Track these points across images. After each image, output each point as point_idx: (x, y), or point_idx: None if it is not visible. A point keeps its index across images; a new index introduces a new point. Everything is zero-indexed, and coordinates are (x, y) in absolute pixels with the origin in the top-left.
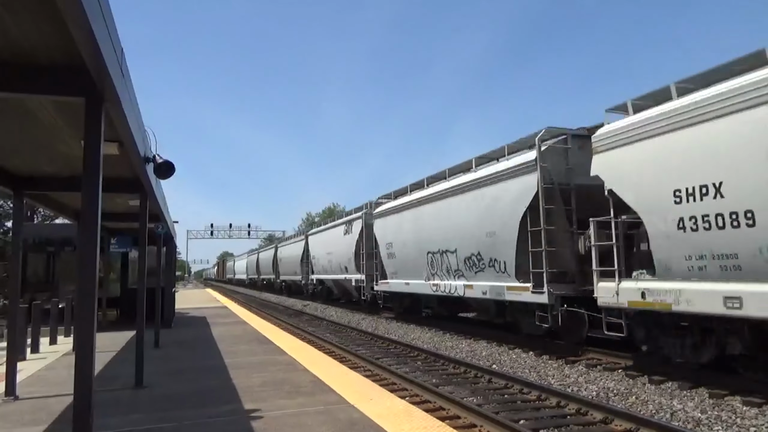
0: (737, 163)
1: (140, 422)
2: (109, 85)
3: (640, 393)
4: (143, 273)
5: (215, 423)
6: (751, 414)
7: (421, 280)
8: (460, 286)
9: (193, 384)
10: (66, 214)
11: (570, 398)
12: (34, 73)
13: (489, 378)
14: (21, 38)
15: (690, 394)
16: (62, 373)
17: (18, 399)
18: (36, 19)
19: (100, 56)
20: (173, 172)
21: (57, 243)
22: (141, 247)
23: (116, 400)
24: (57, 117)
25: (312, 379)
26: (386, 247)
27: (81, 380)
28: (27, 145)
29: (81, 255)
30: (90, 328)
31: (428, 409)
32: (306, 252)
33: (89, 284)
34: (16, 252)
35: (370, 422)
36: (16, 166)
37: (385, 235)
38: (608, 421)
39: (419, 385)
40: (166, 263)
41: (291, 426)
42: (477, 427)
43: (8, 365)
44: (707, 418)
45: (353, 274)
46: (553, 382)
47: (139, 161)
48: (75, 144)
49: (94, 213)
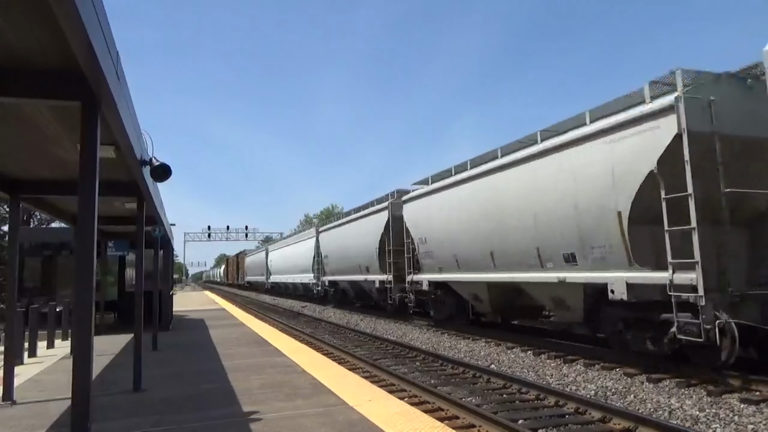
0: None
1: (139, 426)
2: (105, 89)
3: (638, 392)
4: (141, 276)
5: (214, 426)
6: (748, 412)
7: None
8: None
9: (192, 387)
10: (63, 217)
11: (568, 397)
12: (30, 78)
13: (488, 378)
14: (17, 42)
15: (688, 392)
16: (60, 377)
17: (15, 404)
18: (32, 24)
19: (96, 60)
20: (170, 175)
21: (54, 247)
22: (138, 251)
23: (115, 404)
24: (53, 121)
25: (311, 381)
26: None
27: (79, 384)
28: (23, 148)
29: (78, 258)
30: (88, 331)
31: (427, 409)
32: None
33: (86, 288)
34: (12, 256)
35: (369, 423)
36: (12, 169)
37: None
38: (607, 419)
39: (418, 386)
40: (163, 266)
41: (290, 428)
42: (476, 427)
43: (5, 369)
44: (705, 416)
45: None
46: (551, 381)
47: (136, 164)
48: (71, 147)
49: (91, 216)
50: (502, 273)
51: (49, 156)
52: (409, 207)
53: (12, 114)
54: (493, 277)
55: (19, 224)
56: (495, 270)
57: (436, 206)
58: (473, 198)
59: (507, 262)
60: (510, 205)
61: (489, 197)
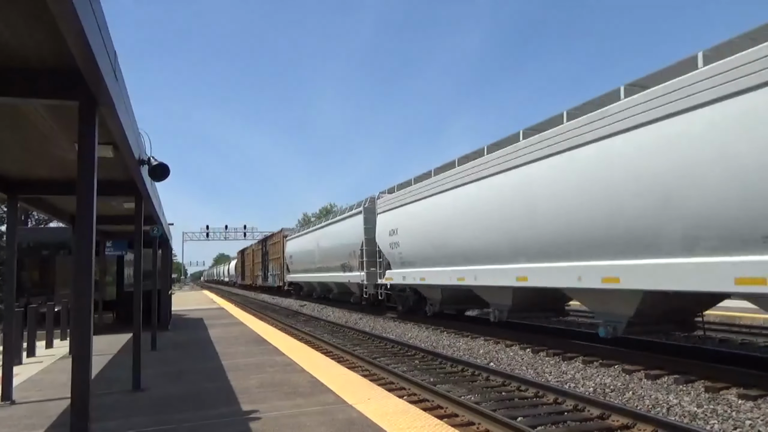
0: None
1: (139, 425)
2: (102, 89)
3: (636, 388)
4: (139, 275)
5: (214, 425)
6: (746, 407)
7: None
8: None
9: (191, 386)
10: (61, 217)
11: (567, 394)
12: (28, 77)
13: (487, 376)
14: (13, 42)
15: (686, 389)
16: (59, 376)
17: (15, 403)
18: (28, 23)
19: (93, 60)
20: (168, 175)
21: (52, 246)
22: (136, 250)
23: (114, 403)
24: (51, 120)
25: (310, 380)
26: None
27: (78, 384)
28: (21, 148)
29: (77, 258)
30: (87, 331)
31: (426, 407)
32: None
33: (85, 287)
34: (10, 256)
35: (368, 422)
36: (9, 169)
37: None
38: (605, 416)
39: (417, 384)
40: (161, 265)
41: (289, 427)
42: (475, 424)
43: (4, 369)
44: (703, 412)
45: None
46: (550, 378)
47: (134, 164)
48: (69, 147)
49: (89, 216)
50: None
51: (47, 156)
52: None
53: (10, 114)
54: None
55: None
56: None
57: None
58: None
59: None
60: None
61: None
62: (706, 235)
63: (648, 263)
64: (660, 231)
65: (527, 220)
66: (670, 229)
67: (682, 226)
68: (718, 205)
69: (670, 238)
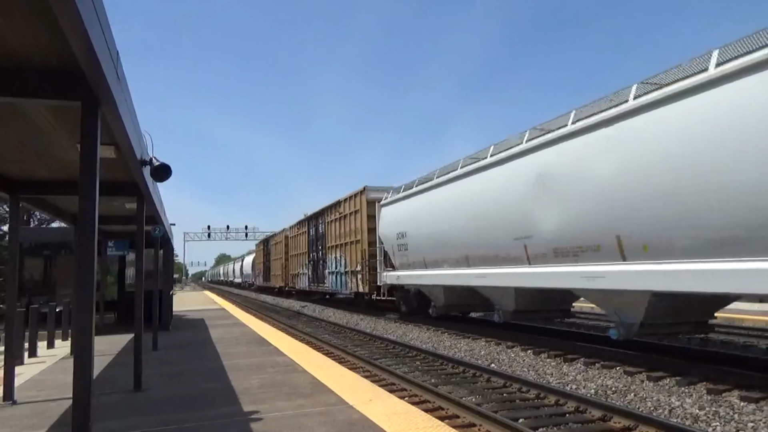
0: None
1: (140, 425)
2: (105, 89)
3: (638, 390)
4: (141, 276)
5: (215, 425)
6: (749, 410)
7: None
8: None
9: (192, 386)
10: (63, 217)
11: (569, 396)
12: (30, 78)
13: (488, 377)
14: (16, 42)
15: (688, 391)
16: (61, 376)
17: (16, 403)
18: (31, 23)
19: (95, 60)
20: (170, 175)
21: (54, 246)
22: (138, 250)
23: (115, 403)
24: (53, 121)
25: (311, 381)
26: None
27: (80, 384)
28: (23, 148)
29: (78, 258)
30: (88, 331)
31: (427, 408)
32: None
33: (87, 287)
34: (12, 256)
35: (369, 423)
36: (11, 169)
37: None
38: (607, 418)
39: (418, 385)
40: (163, 266)
41: (290, 427)
42: (476, 426)
43: (6, 369)
44: (705, 414)
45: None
46: (551, 380)
47: (136, 164)
48: (71, 147)
49: (91, 216)
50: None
51: (49, 156)
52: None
53: (12, 114)
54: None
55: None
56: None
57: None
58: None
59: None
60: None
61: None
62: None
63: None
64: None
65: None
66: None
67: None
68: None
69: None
